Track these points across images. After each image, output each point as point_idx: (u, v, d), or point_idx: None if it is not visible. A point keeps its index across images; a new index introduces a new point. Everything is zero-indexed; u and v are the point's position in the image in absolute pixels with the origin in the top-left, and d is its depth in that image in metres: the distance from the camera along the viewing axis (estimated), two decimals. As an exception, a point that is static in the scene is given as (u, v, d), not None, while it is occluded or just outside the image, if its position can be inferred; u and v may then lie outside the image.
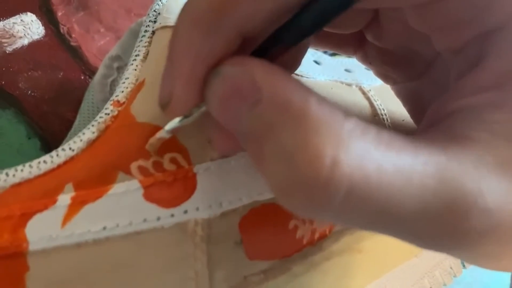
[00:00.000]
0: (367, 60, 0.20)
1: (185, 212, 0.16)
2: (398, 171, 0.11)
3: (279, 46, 0.13)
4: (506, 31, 0.12)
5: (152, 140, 0.16)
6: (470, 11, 0.13)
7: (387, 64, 0.19)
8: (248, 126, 0.12)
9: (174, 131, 0.15)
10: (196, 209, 0.16)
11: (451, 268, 0.23)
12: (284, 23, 0.13)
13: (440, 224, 0.11)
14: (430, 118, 0.14)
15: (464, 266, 0.24)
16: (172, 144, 0.17)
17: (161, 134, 0.15)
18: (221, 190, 0.17)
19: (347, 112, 0.11)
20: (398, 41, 0.18)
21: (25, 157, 0.25)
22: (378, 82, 0.23)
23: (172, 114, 0.14)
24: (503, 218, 0.11)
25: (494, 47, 0.12)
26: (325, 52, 0.31)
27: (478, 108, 0.12)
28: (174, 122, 0.15)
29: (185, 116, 0.14)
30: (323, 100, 0.11)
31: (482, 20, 0.13)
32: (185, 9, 0.13)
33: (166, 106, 0.14)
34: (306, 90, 0.11)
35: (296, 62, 0.17)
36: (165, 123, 0.16)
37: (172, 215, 0.16)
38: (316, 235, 0.19)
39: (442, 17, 0.13)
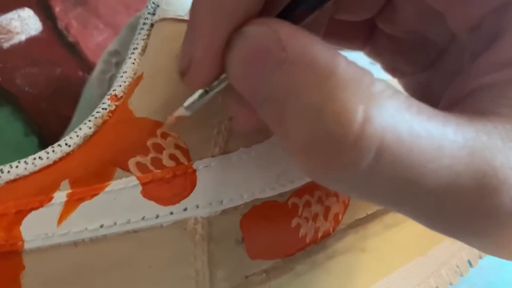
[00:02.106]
0: (376, 52, 0.20)
1: (185, 209, 0.16)
2: (430, 137, 0.10)
3: (302, 9, 0.12)
4: None
5: (170, 119, 0.15)
6: None
7: (398, 53, 0.19)
8: (271, 88, 0.11)
9: (193, 108, 0.14)
10: (196, 206, 0.16)
11: (457, 267, 0.22)
12: None
13: (469, 199, 0.10)
14: (449, 99, 0.13)
15: (471, 265, 0.23)
16: (171, 140, 0.16)
17: (180, 112, 0.14)
18: (221, 187, 0.16)
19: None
20: (412, 25, 0.17)
21: (23, 155, 0.25)
22: (382, 76, 0.23)
23: (191, 82, 0.14)
24: None
25: (509, 21, 0.12)
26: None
27: (499, 85, 0.12)
28: (193, 98, 0.14)
29: (205, 91, 0.14)
30: (351, 61, 0.11)
31: None
32: None
33: (185, 73, 0.13)
34: (333, 50, 0.11)
35: (319, 33, 0.17)
36: (165, 118, 0.16)
37: (171, 213, 0.16)
38: (320, 234, 0.19)
39: None
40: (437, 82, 0.17)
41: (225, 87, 0.13)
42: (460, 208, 0.11)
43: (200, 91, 0.14)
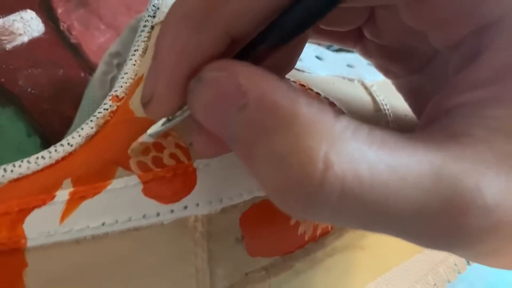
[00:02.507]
0: (367, 53, 0.20)
1: (185, 208, 0.16)
2: (392, 171, 0.11)
3: (264, 47, 0.12)
4: (502, 25, 0.12)
5: (134, 144, 0.16)
6: (465, 5, 0.12)
7: (386, 58, 0.19)
8: (236, 130, 0.11)
9: (156, 135, 0.15)
10: (196, 205, 0.16)
11: (455, 264, 0.23)
12: (269, 24, 0.12)
13: (438, 223, 0.11)
14: (429, 115, 0.14)
15: (468, 262, 0.23)
16: (171, 139, 0.16)
17: (144, 138, 0.15)
18: (221, 186, 0.17)
19: (338, 111, 0.11)
20: (395, 38, 0.17)
21: (25, 155, 0.25)
22: (380, 77, 0.23)
23: (153, 114, 0.14)
24: (503, 215, 0.11)
25: (490, 41, 0.12)
26: (328, 48, 0.30)
27: (476, 104, 0.12)
28: (157, 126, 0.14)
29: (168, 120, 0.14)
30: (311, 101, 0.11)
31: (477, 14, 0.12)
32: (174, 5, 0.13)
33: (147, 105, 0.14)
34: (294, 91, 0.11)
35: (292, 62, 0.17)
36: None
37: (172, 211, 0.16)
38: (318, 231, 0.19)
39: (436, 13, 0.13)
40: (428, 85, 0.18)
41: (186, 116, 0.14)
42: (433, 231, 0.11)
43: (163, 120, 0.14)
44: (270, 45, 0.12)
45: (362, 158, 0.10)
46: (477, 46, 0.12)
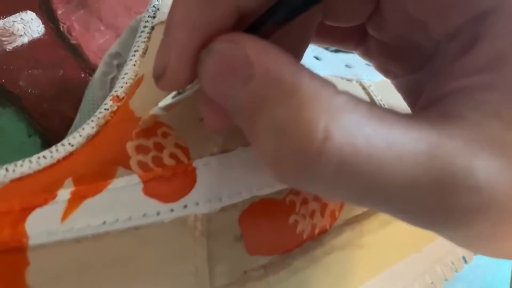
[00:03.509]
0: (368, 54, 0.20)
1: (185, 207, 0.16)
2: (388, 146, 0.11)
3: (271, 23, 0.13)
4: (499, 13, 0.12)
5: (145, 116, 0.16)
6: None
7: (388, 57, 0.19)
8: (241, 101, 0.12)
9: (167, 107, 0.15)
10: (195, 203, 0.16)
11: (452, 263, 0.23)
12: (277, 0, 0.13)
13: (429, 200, 0.11)
14: (425, 100, 0.14)
15: (465, 261, 0.24)
16: (171, 139, 0.17)
17: (155, 110, 0.15)
18: (220, 185, 0.17)
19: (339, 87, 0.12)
20: (399, 32, 0.18)
21: (26, 155, 0.25)
22: (378, 78, 0.23)
23: (165, 87, 0.14)
24: (494, 197, 0.11)
25: (487, 29, 0.12)
26: (327, 48, 0.31)
27: (472, 89, 0.12)
28: (168, 99, 0.15)
29: (179, 93, 0.14)
30: (314, 75, 0.12)
31: (475, 2, 0.13)
32: None
33: (159, 79, 0.14)
34: (298, 65, 0.12)
35: (298, 56, 0.17)
36: (165, 118, 0.16)
37: (172, 210, 0.16)
38: (317, 230, 0.19)
39: (438, 0, 0.13)
40: (428, 82, 0.18)
41: (197, 90, 0.14)
42: (424, 208, 0.11)
43: (174, 93, 0.15)
44: (277, 21, 0.13)
45: (361, 131, 0.11)
46: (474, 34, 0.13)
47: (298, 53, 0.17)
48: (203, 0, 0.13)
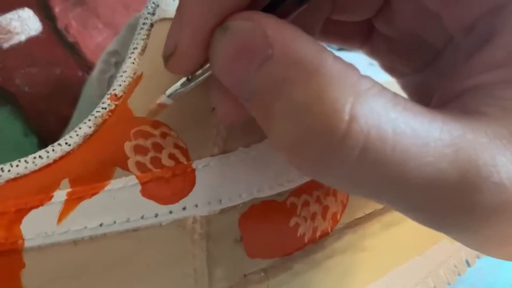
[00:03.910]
0: (374, 52, 0.20)
1: (184, 208, 0.16)
2: (415, 135, 0.10)
3: (289, 2, 0.12)
4: None
5: (151, 105, 0.15)
6: None
7: (395, 54, 0.19)
8: (256, 84, 0.11)
9: (175, 96, 0.14)
10: (194, 205, 0.16)
11: (455, 267, 0.23)
12: None
13: (453, 196, 0.11)
14: (441, 97, 0.14)
15: (468, 264, 0.23)
16: (170, 139, 0.16)
17: (162, 99, 0.14)
18: (220, 187, 0.17)
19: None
20: (409, 26, 0.17)
21: (22, 154, 0.25)
22: (381, 78, 0.23)
23: (174, 67, 0.14)
24: None
25: (504, 23, 0.12)
26: (328, 47, 0.30)
27: (490, 85, 0.12)
28: (176, 86, 0.14)
29: (188, 79, 0.14)
30: (338, 57, 0.11)
31: None
32: None
33: (169, 58, 0.13)
34: (320, 45, 0.11)
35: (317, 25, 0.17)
36: (164, 118, 0.16)
37: (171, 212, 0.16)
38: (318, 233, 0.19)
39: None
40: (434, 83, 0.18)
41: (208, 77, 0.13)
42: (441, 202, 0.11)
43: (182, 80, 0.14)
44: (297, 1, 0.12)
45: (387, 116, 0.10)
46: (490, 29, 0.12)
47: (312, 33, 0.17)
48: None
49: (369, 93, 0.10)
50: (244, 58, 0.11)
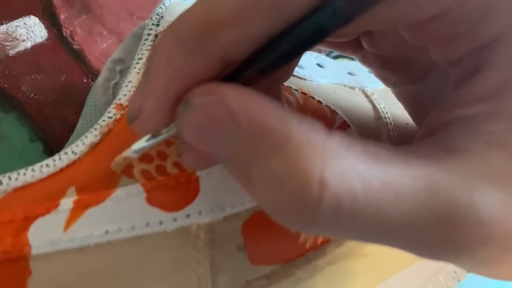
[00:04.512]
0: (366, 62, 0.20)
1: (188, 216, 0.16)
2: (385, 187, 0.11)
3: (253, 72, 0.12)
4: (502, 42, 0.12)
5: (117, 158, 0.15)
6: (466, 25, 0.12)
7: (385, 68, 0.19)
8: (230, 153, 0.12)
9: (141, 151, 0.14)
10: (198, 213, 0.16)
11: (455, 272, 0.23)
12: (259, 50, 0.12)
13: (433, 236, 0.11)
14: (427, 128, 0.14)
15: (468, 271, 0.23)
16: (175, 147, 0.17)
17: (128, 153, 0.15)
18: (223, 194, 0.17)
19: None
20: (394, 50, 0.17)
21: (28, 161, 0.25)
22: (381, 85, 0.23)
23: (138, 129, 0.14)
24: (498, 228, 0.11)
25: (490, 58, 0.12)
26: (328, 54, 0.31)
27: (474, 118, 0.12)
28: (142, 142, 0.14)
29: (153, 136, 0.14)
30: (302, 119, 0.11)
31: (478, 33, 0.12)
32: (170, 28, 0.13)
33: (133, 121, 0.13)
34: (285, 111, 0.11)
35: (289, 71, 0.17)
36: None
37: (175, 219, 0.16)
38: (320, 240, 0.19)
39: (439, 33, 0.13)
40: (427, 95, 0.18)
41: (173, 133, 0.14)
42: (427, 243, 0.11)
43: (147, 136, 0.14)
44: (259, 70, 0.12)
45: (356, 174, 0.11)
46: (477, 62, 0.13)
47: (290, 66, 0.17)
48: (189, 49, 0.12)
49: (337, 153, 0.11)
50: (211, 131, 0.12)
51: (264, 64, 0.12)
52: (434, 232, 0.11)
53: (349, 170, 0.11)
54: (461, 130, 0.12)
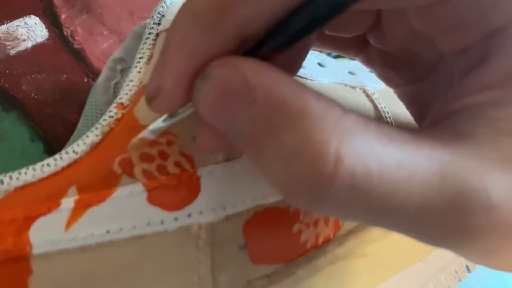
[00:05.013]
0: (369, 62, 0.20)
1: (189, 215, 0.16)
2: (400, 166, 0.11)
3: (269, 48, 0.12)
4: (510, 30, 0.12)
5: (134, 139, 0.16)
6: (475, 12, 0.12)
7: (389, 66, 0.19)
8: (244, 127, 0.12)
9: (158, 131, 0.15)
10: (199, 212, 0.16)
11: (456, 272, 0.23)
12: (275, 25, 0.12)
13: (444, 221, 0.11)
14: (434, 116, 0.14)
15: (469, 270, 0.23)
16: (176, 147, 0.17)
17: (145, 133, 0.15)
18: (225, 194, 0.17)
19: (346, 107, 0.11)
20: (401, 44, 0.17)
21: (29, 160, 0.25)
22: (382, 85, 0.23)
23: (157, 109, 0.14)
24: (506, 214, 0.11)
25: (498, 46, 0.12)
26: (329, 54, 0.31)
27: (482, 106, 0.12)
28: (158, 122, 0.14)
29: (170, 116, 0.14)
30: (320, 95, 0.11)
31: (486, 21, 0.12)
32: (185, 5, 0.13)
33: (152, 100, 0.13)
34: (302, 86, 0.11)
35: (296, 67, 0.17)
36: (169, 127, 0.16)
37: (176, 219, 0.16)
38: (320, 239, 0.19)
39: (447, 19, 0.13)
40: (430, 95, 0.18)
41: (190, 113, 0.14)
42: (437, 228, 0.11)
43: (164, 116, 0.14)
44: (275, 47, 0.12)
45: (372, 152, 0.11)
46: (484, 50, 0.13)
47: (297, 62, 0.17)
48: (205, 25, 0.12)
49: (353, 130, 0.11)
50: (227, 103, 0.12)
51: (281, 40, 0.12)
52: (445, 217, 0.11)
53: (365, 148, 0.11)
54: (468, 117, 0.12)
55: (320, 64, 0.25)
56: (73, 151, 0.16)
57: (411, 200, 0.11)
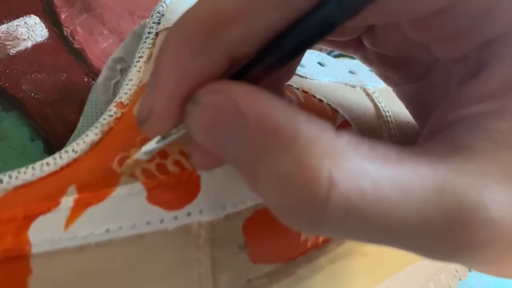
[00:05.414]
0: (367, 61, 0.20)
1: (189, 214, 0.16)
2: (395, 186, 0.11)
3: (260, 68, 0.12)
4: (507, 39, 0.12)
5: (128, 161, 0.16)
6: (470, 21, 0.12)
7: (386, 66, 0.19)
8: (237, 150, 0.12)
9: (151, 153, 0.15)
10: (199, 211, 0.16)
11: (456, 271, 0.23)
12: (266, 46, 0.12)
13: (443, 237, 0.11)
14: (432, 127, 0.14)
15: (470, 270, 0.23)
16: (176, 146, 0.17)
17: (138, 155, 0.15)
18: (225, 193, 0.17)
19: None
20: (395, 48, 0.17)
21: (29, 160, 0.25)
22: (382, 84, 0.23)
23: (149, 131, 0.14)
24: (506, 228, 0.11)
25: (495, 55, 0.12)
26: (329, 53, 0.30)
27: (480, 117, 0.12)
28: (152, 143, 0.14)
29: (163, 137, 0.14)
30: (311, 118, 0.11)
31: (482, 30, 0.12)
32: (176, 26, 0.13)
33: (143, 123, 0.13)
34: (293, 110, 0.11)
35: (291, 71, 0.17)
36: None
37: (176, 218, 0.16)
38: (321, 238, 0.19)
39: (441, 29, 0.13)
40: (428, 94, 0.18)
41: (182, 134, 0.14)
42: (437, 244, 0.11)
43: (157, 138, 0.14)
44: (266, 67, 0.12)
45: (365, 174, 0.11)
46: (481, 59, 0.13)
47: (292, 66, 0.17)
48: (196, 48, 0.12)
49: (346, 153, 0.11)
50: (219, 128, 0.12)
51: (272, 60, 0.12)
52: (444, 233, 0.11)
53: (358, 169, 0.11)
54: (467, 129, 0.12)
55: (320, 63, 0.25)
56: (73, 150, 0.16)
57: (408, 218, 0.11)
